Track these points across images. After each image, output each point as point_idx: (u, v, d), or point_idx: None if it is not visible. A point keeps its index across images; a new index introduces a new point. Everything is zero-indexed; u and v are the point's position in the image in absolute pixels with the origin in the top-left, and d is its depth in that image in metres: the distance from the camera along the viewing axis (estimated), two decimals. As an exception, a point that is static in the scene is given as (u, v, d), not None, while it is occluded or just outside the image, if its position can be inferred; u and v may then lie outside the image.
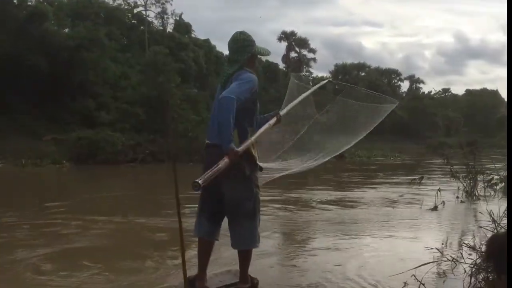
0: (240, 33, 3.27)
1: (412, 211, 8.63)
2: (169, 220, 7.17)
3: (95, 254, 5.41)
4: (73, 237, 6.31)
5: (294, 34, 61.64)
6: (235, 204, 3.18)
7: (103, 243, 6.07)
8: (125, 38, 43.94)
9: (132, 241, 6.22)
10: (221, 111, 2.98)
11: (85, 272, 4.56)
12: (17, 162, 21.94)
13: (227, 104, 2.93)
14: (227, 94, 2.97)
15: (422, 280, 3.63)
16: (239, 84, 3.05)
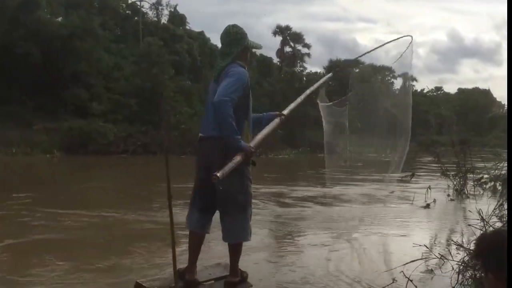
0: (232, 26, 3.27)
1: (401, 208, 8.69)
2: (154, 214, 7.16)
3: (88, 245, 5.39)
4: (50, 229, 6.26)
5: (289, 28, 61.43)
6: (226, 197, 3.18)
7: (87, 235, 6.05)
8: (119, 29, 43.58)
9: (119, 234, 6.19)
10: (221, 116, 3.00)
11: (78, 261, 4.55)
12: (7, 151, 21.78)
13: (223, 108, 2.96)
14: (221, 97, 2.98)
15: (410, 276, 3.66)
16: (229, 84, 3.04)
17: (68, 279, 4.18)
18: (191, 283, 3.24)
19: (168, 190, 3.06)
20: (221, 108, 2.97)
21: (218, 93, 3.02)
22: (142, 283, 3.21)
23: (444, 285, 4.08)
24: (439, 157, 11.08)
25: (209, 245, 4.73)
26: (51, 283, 4.08)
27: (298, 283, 4.13)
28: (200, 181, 3.27)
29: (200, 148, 3.27)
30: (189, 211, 3.36)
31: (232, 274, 3.32)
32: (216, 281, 3.40)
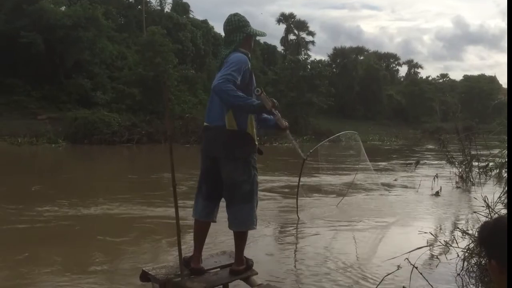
0: (234, 15, 3.29)
1: (406, 196, 8.68)
2: (158, 204, 7.18)
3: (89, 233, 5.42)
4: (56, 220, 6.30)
5: (293, 16, 61.21)
6: (233, 186, 3.19)
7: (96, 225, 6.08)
8: (122, 18, 43.45)
9: (124, 224, 6.22)
10: (224, 97, 2.95)
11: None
12: (13, 140, 21.88)
13: (221, 89, 2.93)
14: (216, 82, 2.96)
15: (415, 263, 3.66)
16: (226, 67, 3.04)
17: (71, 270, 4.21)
18: (197, 271, 3.26)
19: (173, 178, 3.08)
20: (220, 90, 2.94)
21: (216, 78, 3.01)
22: (148, 271, 3.24)
23: (449, 272, 4.09)
24: (444, 144, 11.00)
25: (217, 233, 4.75)
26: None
27: (301, 271, 4.14)
28: (206, 170, 3.29)
29: (205, 137, 3.28)
30: (195, 200, 3.38)
31: (238, 262, 3.34)
32: (222, 269, 3.42)
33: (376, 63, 60.35)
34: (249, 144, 3.21)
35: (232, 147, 3.12)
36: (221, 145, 3.14)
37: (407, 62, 74.76)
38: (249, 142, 3.21)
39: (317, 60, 45.03)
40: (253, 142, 3.22)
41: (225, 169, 3.17)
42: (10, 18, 29.81)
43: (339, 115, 49.95)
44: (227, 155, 3.14)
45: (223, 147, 3.13)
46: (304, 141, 29.51)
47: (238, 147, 3.15)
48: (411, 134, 45.63)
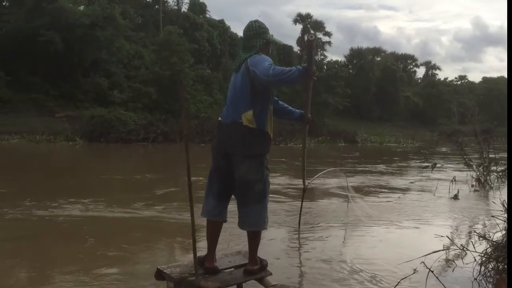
0: (255, 21, 3.34)
1: (423, 198, 8.58)
2: (173, 206, 7.19)
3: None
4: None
5: (310, 16, 61.01)
6: (246, 186, 3.20)
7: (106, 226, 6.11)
8: (139, 17, 43.83)
9: (137, 224, 6.24)
10: (281, 80, 3.01)
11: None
12: (31, 138, 22.18)
13: (273, 75, 2.98)
14: (264, 72, 3.01)
15: (431, 267, 3.62)
16: (260, 61, 3.11)
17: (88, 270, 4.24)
18: (211, 270, 3.27)
19: (188, 177, 3.09)
20: (273, 76, 2.99)
21: (261, 72, 3.04)
22: (163, 269, 3.26)
23: (466, 276, 4.03)
24: (462, 147, 10.86)
25: (231, 232, 4.75)
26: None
27: (314, 273, 4.11)
28: (217, 168, 3.29)
29: (219, 132, 3.29)
30: (204, 200, 3.38)
31: (251, 262, 3.34)
32: (236, 269, 3.42)
33: (393, 64, 59.87)
34: (266, 143, 3.24)
35: (249, 144, 3.13)
36: (238, 142, 3.15)
37: (425, 64, 74.12)
38: (267, 141, 3.23)
39: (333, 61, 44.85)
40: (270, 141, 3.25)
41: (239, 167, 3.17)
42: (29, 17, 30.26)
43: (355, 116, 49.68)
44: (244, 152, 3.14)
45: (241, 144, 3.15)
46: (319, 142, 29.41)
47: (255, 144, 3.17)
48: (428, 136, 45.13)
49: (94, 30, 31.00)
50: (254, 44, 3.26)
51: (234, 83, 3.26)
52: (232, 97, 3.25)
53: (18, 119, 26.04)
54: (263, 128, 3.19)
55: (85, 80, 31.80)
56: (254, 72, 3.11)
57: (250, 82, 3.14)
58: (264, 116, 3.20)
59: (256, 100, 3.16)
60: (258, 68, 3.09)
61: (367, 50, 60.91)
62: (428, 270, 3.51)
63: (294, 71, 3.02)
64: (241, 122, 3.14)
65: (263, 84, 3.12)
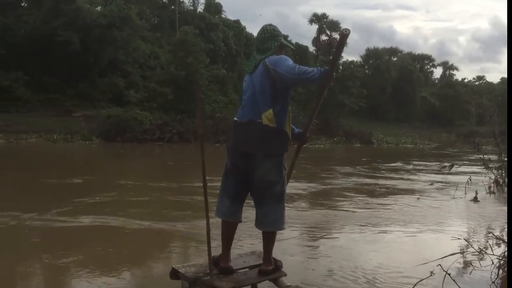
0: (268, 25, 3.37)
1: (441, 200, 8.49)
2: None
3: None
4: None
5: (326, 16, 60.84)
6: (265, 186, 3.19)
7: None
8: (155, 18, 44.12)
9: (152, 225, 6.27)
10: (306, 78, 3.08)
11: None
12: (48, 137, 22.47)
13: (299, 74, 3.05)
14: (290, 70, 3.07)
15: (448, 270, 3.57)
16: (281, 61, 3.15)
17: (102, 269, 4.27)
18: (226, 270, 3.27)
19: (204, 177, 3.09)
20: (298, 75, 3.06)
21: (286, 70, 3.09)
22: (178, 269, 3.27)
23: (484, 279, 3.97)
24: (479, 148, 10.69)
25: (245, 232, 4.75)
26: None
27: (329, 275, 4.08)
28: (234, 168, 3.27)
29: (236, 132, 3.28)
30: (218, 200, 3.37)
31: (266, 262, 3.33)
32: (251, 269, 3.41)
33: (410, 64, 59.32)
34: (285, 142, 3.24)
35: (269, 143, 3.13)
36: (257, 141, 3.15)
37: (442, 64, 73.35)
38: (286, 140, 3.23)
39: (349, 61, 44.60)
40: (288, 140, 3.25)
41: (259, 167, 3.16)
42: (48, 17, 30.66)
43: (371, 116, 49.35)
44: (263, 151, 3.14)
45: (260, 143, 3.14)
46: (334, 142, 29.28)
47: (275, 144, 3.17)
48: (445, 138, 44.67)
49: (111, 30, 31.30)
50: (269, 46, 3.28)
51: (251, 83, 3.25)
52: (250, 97, 3.24)
53: (36, 119, 26.41)
54: (283, 127, 3.19)
55: (102, 80, 32.13)
56: (275, 70, 3.12)
57: (270, 82, 3.14)
58: (284, 116, 3.20)
59: (276, 99, 3.16)
60: (281, 67, 3.11)
61: (383, 50, 60.47)
62: (445, 272, 3.47)
63: (316, 72, 3.06)
64: (261, 122, 3.14)
65: (285, 82, 3.14)
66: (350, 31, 3.00)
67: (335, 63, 3.29)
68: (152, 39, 38.99)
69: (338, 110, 33.23)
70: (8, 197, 7.67)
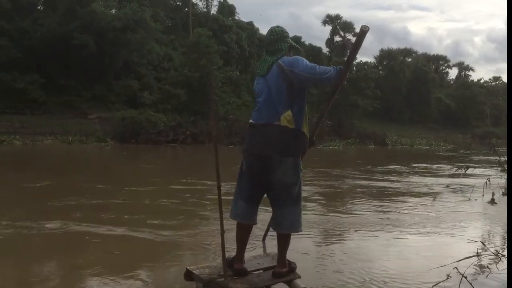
0: (276, 26, 3.37)
1: (456, 202, 8.39)
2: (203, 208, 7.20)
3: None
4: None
5: (339, 17, 60.66)
6: (283, 188, 3.18)
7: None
8: (169, 20, 44.39)
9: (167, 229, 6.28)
10: (325, 79, 3.09)
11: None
12: (64, 139, 22.72)
13: (320, 74, 3.08)
14: (311, 70, 3.10)
15: (464, 273, 3.53)
16: (298, 61, 3.16)
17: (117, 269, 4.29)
18: (240, 271, 3.27)
19: (218, 179, 3.10)
20: (319, 74, 3.08)
21: (306, 70, 3.12)
22: (192, 270, 3.28)
23: (501, 283, 3.91)
24: (495, 149, 10.56)
25: (258, 234, 4.73)
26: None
27: (344, 278, 4.05)
28: (250, 170, 3.26)
29: (253, 135, 3.25)
30: (233, 202, 3.37)
31: (280, 264, 3.32)
32: (265, 271, 3.41)
33: (424, 65, 58.87)
34: (303, 143, 3.23)
35: (287, 145, 3.12)
36: (275, 143, 3.13)
37: (457, 65, 72.66)
38: (304, 141, 3.23)
39: (362, 62, 44.42)
40: (306, 141, 3.24)
41: (276, 170, 3.14)
42: (63, 20, 31.04)
43: (385, 118, 49.08)
44: (281, 153, 3.11)
45: (278, 145, 3.12)
46: (348, 144, 29.15)
47: (292, 145, 3.15)
48: (460, 139, 44.22)
49: (126, 33, 31.59)
50: (280, 47, 3.28)
51: (266, 85, 3.23)
52: (266, 100, 3.21)
53: (52, 121, 26.76)
54: (300, 128, 3.18)
55: (117, 82, 32.42)
56: (292, 72, 3.12)
57: (287, 83, 3.13)
58: (301, 116, 3.19)
59: (293, 100, 3.15)
60: (300, 68, 3.12)
61: (397, 51, 60.11)
62: (461, 276, 3.43)
63: (333, 71, 3.07)
64: (278, 124, 3.12)
65: (304, 83, 3.14)
66: (369, 28, 2.97)
67: (350, 62, 3.27)
68: (166, 41, 39.24)
69: (351, 111, 33.11)
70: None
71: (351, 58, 3.29)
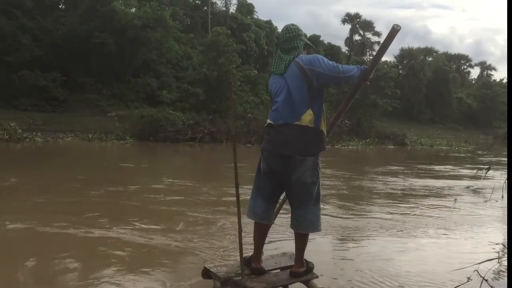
0: (291, 24, 3.33)
1: (477, 204, 8.26)
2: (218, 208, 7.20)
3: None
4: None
5: (359, 16, 60.26)
6: (303, 188, 3.15)
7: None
8: (188, 19, 44.61)
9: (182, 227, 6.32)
10: (349, 78, 3.06)
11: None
12: (84, 136, 23.01)
13: (343, 73, 3.05)
14: (334, 69, 3.06)
15: (485, 276, 3.47)
16: (318, 60, 3.11)
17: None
18: (257, 270, 3.27)
19: (236, 177, 3.10)
20: (343, 73, 3.06)
21: (329, 69, 3.08)
22: (210, 268, 3.28)
23: (523, 286, 3.83)
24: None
25: (276, 234, 4.72)
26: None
27: (363, 280, 4.02)
28: (270, 170, 3.22)
29: (273, 135, 3.20)
30: (251, 201, 3.34)
31: (298, 264, 3.31)
32: (282, 271, 3.40)
33: (445, 64, 58.09)
34: (323, 142, 3.19)
35: (308, 144, 3.09)
36: (297, 142, 3.09)
37: (479, 64, 71.59)
38: (323, 140, 3.19)
39: (382, 61, 43.99)
40: (325, 139, 3.20)
41: (296, 169, 3.10)
42: (84, 19, 31.46)
43: (404, 117, 48.59)
44: (301, 152, 3.08)
45: (300, 144, 3.09)
46: (367, 143, 28.91)
47: (312, 144, 3.12)
48: (482, 140, 43.51)
49: (145, 31, 31.84)
50: (296, 45, 3.24)
51: (285, 84, 3.18)
52: (285, 99, 3.16)
53: (73, 118, 27.14)
54: (319, 127, 3.14)
55: (136, 81, 32.71)
56: (312, 70, 3.08)
57: (307, 82, 3.08)
58: (321, 115, 3.16)
59: (313, 99, 3.11)
60: (322, 66, 3.07)
61: (418, 50, 59.43)
62: (481, 278, 3.37)
63: (357, 70, 3.04)
64: (299, 123, 3.08)
65: (326, 82, 3.11)
66: (401, 27, 2.92)
67: (377, 62, 3.21)
68: (184, 40, 39.45)
69: (370, 111, 32.79)
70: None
71: (378, 57, 3.22)
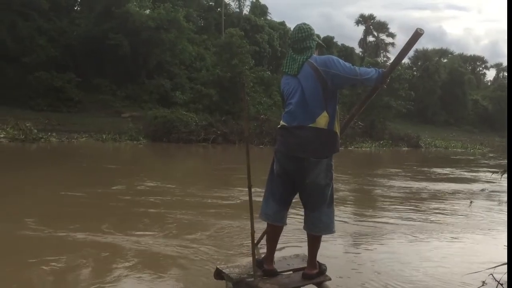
0: (303, 24, 3.28)
1: (492, 207, 8.16)
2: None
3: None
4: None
5: (373, 17, 60.00)
6: (317, 190, 3.13)
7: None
8: (202, 20, 44.80)
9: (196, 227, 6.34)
10: (367, 78, 3.03)
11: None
12: (98, 137, 23.18)
13: (360, 75, 3.02)
14: (351, 72, 3.03)
15: (500, 280, 3.42)
16: (333, 61, 3.08)
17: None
18: (270, 272, 3.26)
19: (249, 179, 3.10)
20: (360, 75, 3.03)
21: (346, 71, 3.05)
22: (222, 269, 3.29)
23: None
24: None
25: (289, 235, 4.70)
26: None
27: (376, 284, 3.98)
28: (283, 172, 3.20)
29: (286, 137, 3.16)
30: (264, 203, 3.33)
31: (310, 265, 3.29)
32: (294, 272, 3.39)
33: (460, 66, 57.51)
34: (337, 143, 3.16)
35: (323, 146, 3.07)
36: (312, 145, 3.06)
37: (495, 66, 70.75)
38: (337, 141, 3.16)
39: (396, 63, 43.67)
40: (339, 141, 3.17)
41: (311, 171, 3.08)
42: (99, 21, 31.78)
43: (419, 119, 48.21)
44: (316, 154, 3.05)
45: (315, 146, 3.06)
46: (380, 145, 28.72)
47: (328, 146, 3.10)
48: (498, 142, 42.94)
49: (159, 33, 32.05)
50: (309, 45, 3.19)
51: (299, 86, 3.13)
52: (299, 101, 3.11)
53: (88, 119, 27.41)
54: (333, 129, 3.11)
55: (150, 82, 32.94)
56: (327, 72, 3.04)
57: (322, 83, 3.04)
58: (335, 117, 3.12)
59: (328, 101, 3.07)
60: (338, 68, 3.04)
61: (432, 52, 58.94)
62: (497, 282, 3.33)
63: (375, 72, 3.00)
64: (313, 125, 3.05)
65: (341, 83, 3.09)
66: (424, 32, 2.87)
67: (396, 65, 3.17)
68: (198, 41, 39.61)
69: (384, 113, 32.55)
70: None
71: (398, 61, 3.13)
